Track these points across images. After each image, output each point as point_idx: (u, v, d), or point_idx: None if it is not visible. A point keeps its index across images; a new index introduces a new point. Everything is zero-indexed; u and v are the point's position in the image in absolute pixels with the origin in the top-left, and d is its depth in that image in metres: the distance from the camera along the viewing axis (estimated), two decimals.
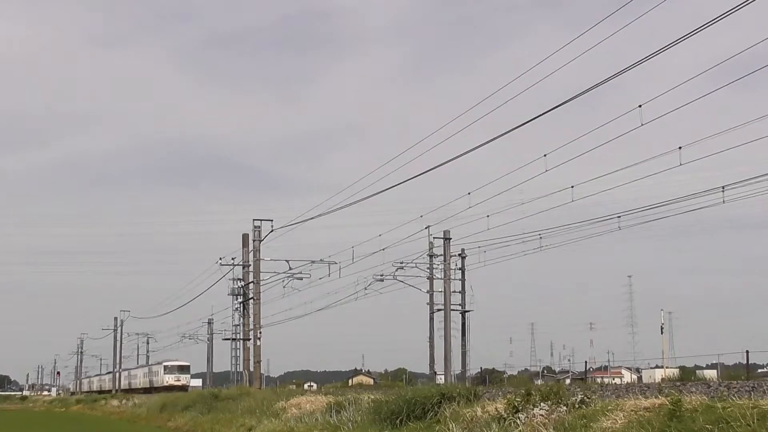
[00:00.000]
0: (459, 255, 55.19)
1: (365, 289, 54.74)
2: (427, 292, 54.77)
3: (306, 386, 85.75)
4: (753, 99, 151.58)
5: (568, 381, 64.03)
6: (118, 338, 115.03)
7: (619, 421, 16.45)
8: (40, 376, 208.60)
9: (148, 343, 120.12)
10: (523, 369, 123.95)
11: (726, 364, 65.57)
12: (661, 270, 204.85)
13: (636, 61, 22.09)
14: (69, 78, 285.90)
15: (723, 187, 30.37)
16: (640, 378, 72.43)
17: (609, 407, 17.44)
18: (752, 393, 18.57)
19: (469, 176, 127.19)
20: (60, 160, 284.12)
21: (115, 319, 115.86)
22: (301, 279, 54.98)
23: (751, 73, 23.65)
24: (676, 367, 67.96)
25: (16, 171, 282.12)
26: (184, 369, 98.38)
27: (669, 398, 16.15)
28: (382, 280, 54.21)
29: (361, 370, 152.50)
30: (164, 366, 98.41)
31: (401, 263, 53.60)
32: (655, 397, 17.33)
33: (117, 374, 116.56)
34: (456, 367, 56.90)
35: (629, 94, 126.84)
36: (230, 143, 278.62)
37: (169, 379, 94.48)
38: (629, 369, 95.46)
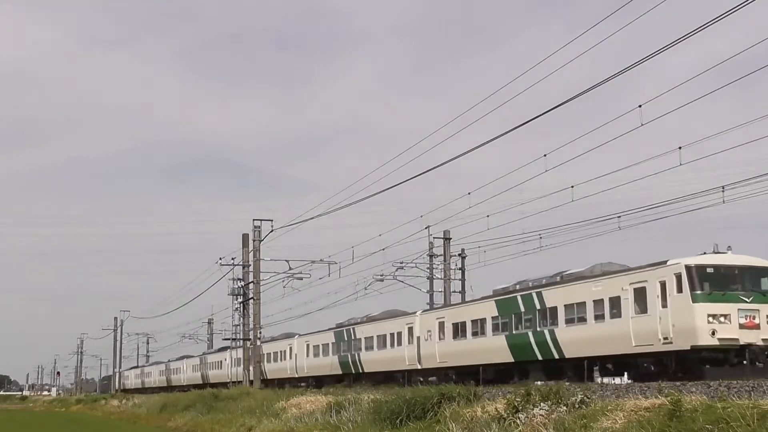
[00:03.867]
0: (459, 255, 55.20)
1: (365, 289, 54.72)
2: (427, 292, 54.78)
3: None
4: (753, 99, 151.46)
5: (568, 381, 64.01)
6: (118, 338, 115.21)
7: (619, 421, 16.46)
8: (40, 376, 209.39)
9: (148, 343, 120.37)
10: None
11: None
12: None
13: (636, 61, 22.15)
14: (69, 78, 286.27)
15: (723, 187, 30.43)
16: None
17: (609, 407, 17.46)
18: (752, 393, 18.57)
19: (469, 176, 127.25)
20: (60, 160, 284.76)
21: (115, 319, 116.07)
22: (301, 279, 54.93)
23: (751, 73, 23.76)
24: None
25: (16, 171, 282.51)
26: None
27: (669, 398, 16.16)
28: (382, 280, 54.24)
29: None
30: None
31: (401, 263, 53.66)
32: (655, 397, 17.34)
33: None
34: None
35: (629, 94, 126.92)
36: (230, 143, 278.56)
37: None
38: None
